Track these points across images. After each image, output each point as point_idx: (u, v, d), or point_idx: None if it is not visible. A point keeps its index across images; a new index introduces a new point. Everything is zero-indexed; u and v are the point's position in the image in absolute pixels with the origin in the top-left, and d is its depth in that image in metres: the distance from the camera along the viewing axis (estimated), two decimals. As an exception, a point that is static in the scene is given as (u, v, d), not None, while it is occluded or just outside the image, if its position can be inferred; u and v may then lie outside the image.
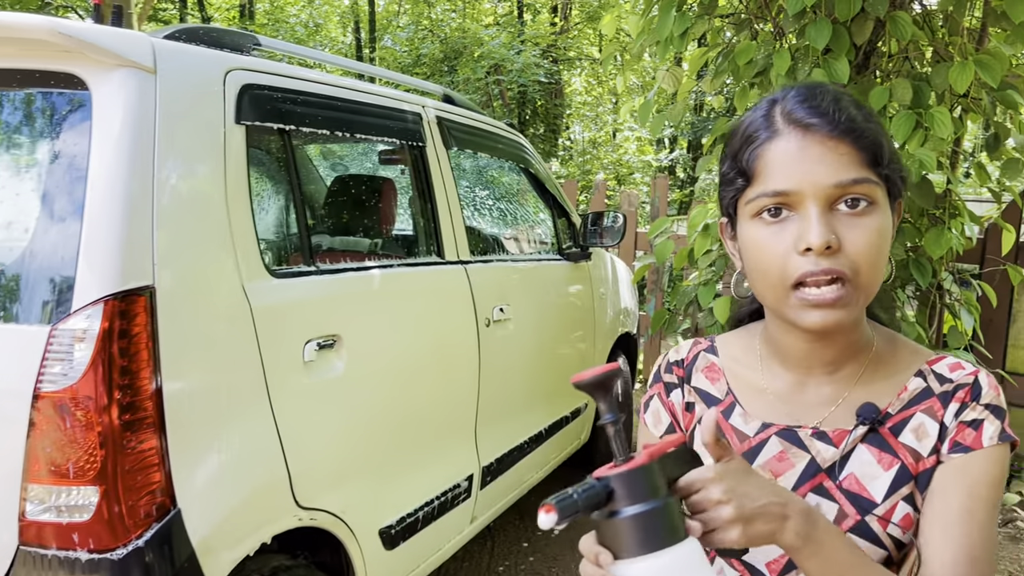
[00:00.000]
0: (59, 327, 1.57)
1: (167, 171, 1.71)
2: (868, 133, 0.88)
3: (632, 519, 0.73)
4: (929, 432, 0.93)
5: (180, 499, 1.67)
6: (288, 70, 2.13)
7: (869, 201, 0.88)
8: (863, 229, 0.87)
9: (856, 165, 0.87)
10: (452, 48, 11.46)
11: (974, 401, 0.92)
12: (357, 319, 2.19)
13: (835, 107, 0.88)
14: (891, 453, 0.94)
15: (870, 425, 0.94)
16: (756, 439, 1.00)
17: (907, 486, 0.92)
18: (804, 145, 0.88)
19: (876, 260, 0.88)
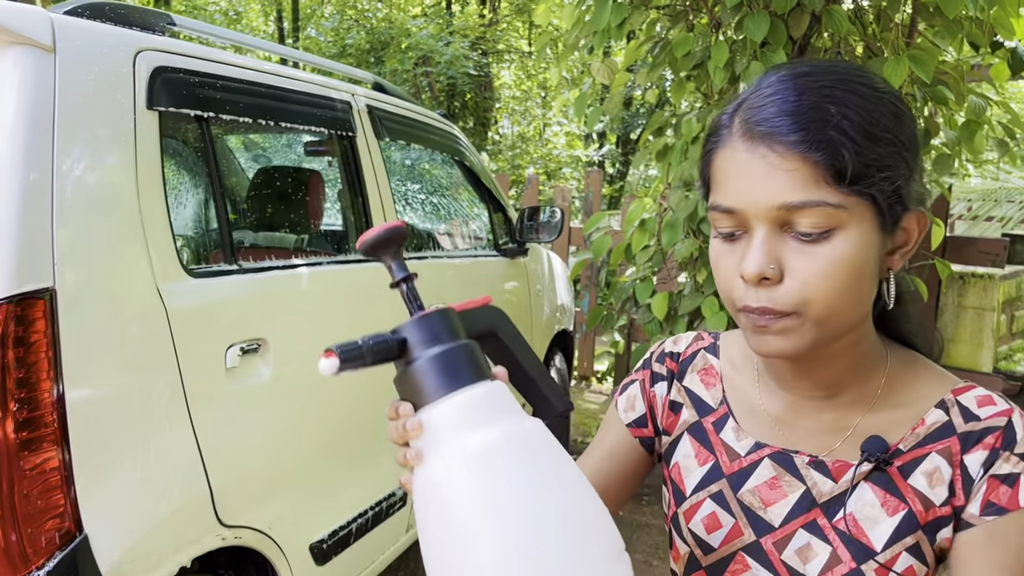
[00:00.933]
0: (-57, 335, 1.39)
1: (69, 161, 1.54)
2: (828, 143, 0.71)
3: (428, 360, 0.69)
4: (944, 478, 0.79)
5: (87, 523, 1.51)
6: (206, 52, 1.97)
7: (829, 228, 0.73)
8: (816, 259, 0.73)
9: (807, 183, 0.72)
10: (379, 39, 11.23)
11: (1007, 450, 0.77)
12: (283, 321, 2.04)
13: (796, 108, 0.73)
14: (898, 496, 0.81)
15: (875, 463, 0.81)
16: (748, 459, 0.89)
17: (912, 536, 0.80)
18: (749, 157, 0.74)
19: (836, 293, 0.74)
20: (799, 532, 0.84)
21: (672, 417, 0.97)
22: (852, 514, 0.82)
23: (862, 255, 0.74)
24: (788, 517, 0.85)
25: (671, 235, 3.54)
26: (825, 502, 0.83)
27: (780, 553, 0.84)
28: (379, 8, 12.70)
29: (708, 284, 3.64)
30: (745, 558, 0.86)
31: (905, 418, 0.83)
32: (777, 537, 0.85)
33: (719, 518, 0.89)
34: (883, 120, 0.74)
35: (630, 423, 0.99)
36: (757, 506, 0.87)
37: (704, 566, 0.90)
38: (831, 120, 0.72)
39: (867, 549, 0.80)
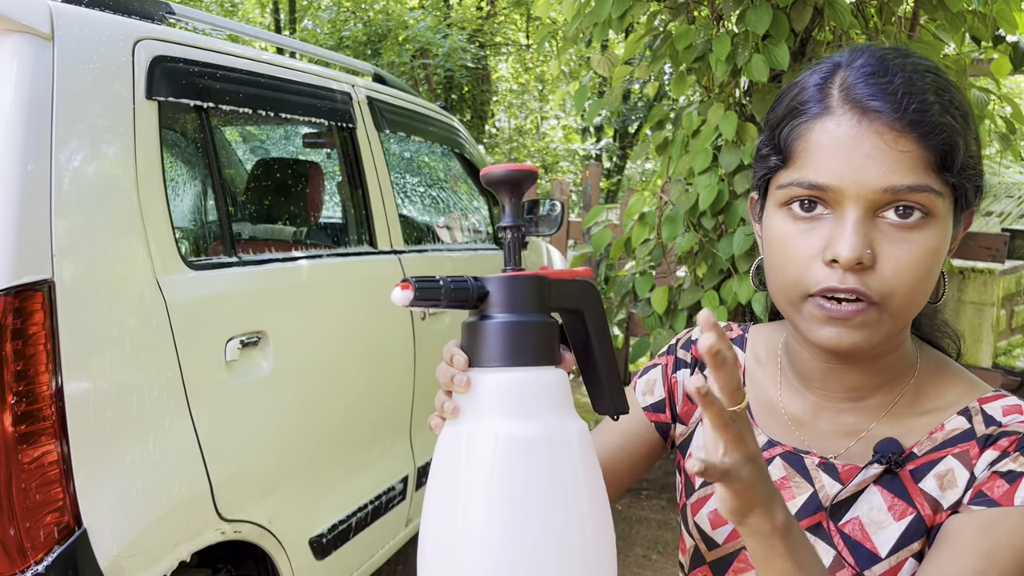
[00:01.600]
0: (-60, 327, 1.37)
1: (68, 152, 1.52)
2: (942, 129, 0.70)
3: (500, 325, 0.66)
4: (957, 482, 0.76)
5: (86, 517, 1.49)
6: (206, 42, 1.94)
7: (924, 213, 0.71)
8: (909, 246, 0.71)
9: (918, 168, 0.70)
10: (376, 31, 11.17)
11: (1020, 451, 0.73)
12: (284, 314, 2.03)
13: (907, 88, 0.70)
14: (906, 500, 0.77)
15: (886, 465, 0.78)
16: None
17: (919, 541, 0.76)
18: (859, 133, 0.70)
19: (918, 284, 0.72)
20: None
21: (689, 406, 0.95)
22: (859, 518, 0.79)
23: (944, 247, 0.73)
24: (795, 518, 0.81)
25: (671, 229, 3.53)
26: (832, 505, 0.81)
27: None
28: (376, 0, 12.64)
29: (708, 278, 3.62)
30: (748, 557, 0.83)
31: (925, 424, 0.79)
32: None
33: None
34: (971, 115, 0.74)
35: (647, 407, 0.97)
36: None
37: (708, 561, 0.88)
38: (947, 107, 0.71)
39: (872, 555, 0.77)
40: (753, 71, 3.18)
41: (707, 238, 3.58)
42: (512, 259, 0.70)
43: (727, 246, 3.39)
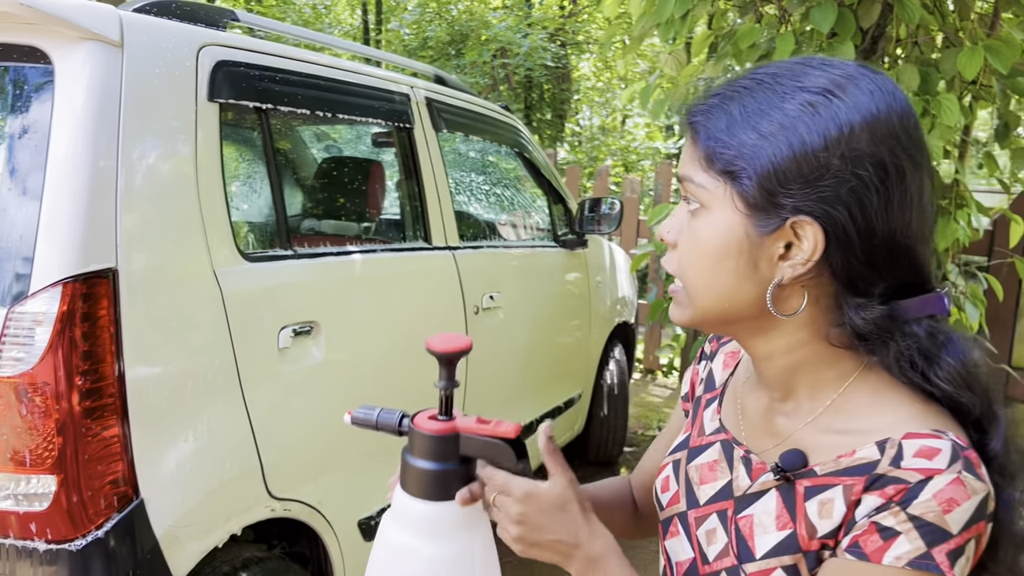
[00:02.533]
0: (16, 309, 1.51)
1: (133, 150, 1.65)
2: (707, 131, 0.77)
3: (408, 464, 0.84)
4: (833, 512, 0.75)
5: (143, 488, 1.61)
6: (266, 47, 2.06)
7: (699, 203, 0.78)
8: (691, 232, 0.79)
9: (691, 162, 0.79)
10: (459, 32, 11.33)
11: (899, 507, 0.71)
12: (337, 305, 2.13)
13: (712, 96, 0.79)
14: (791, 514, 0.79)
15: (781, 477, 0.80)
16: (707, 439, 0.93)
17: (792, 557, 0.78)
18: (686, 135, 0.82)
19: (699, 268, 0.79)
20: (712, 516, 0.88)
21: (693, 390, 1.04)
22: (751, 516, 0.83)
23: (722, 237, 0.77)
24: (710, 500, 0.89)
25: (733, 228, 3.51)
26: (738, 496, 0.85)
27: (697, 528, 0.89)
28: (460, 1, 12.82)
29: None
30: (677, 523, 0.93)
31: (839, 444, 0.78)
32: (699, 514, 0.90)
33: (670, 482, 0.96)
34: (783, 119, 0.74)
35: (683, 396, 1.07)
36: (695, 481, 0.92)
37: (660, 520, 0.98)
38: (725, 111, 0.76)
39: (750, 553, 0.82)
40: (817, 70, 3.14)
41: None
42: (442, 410, 0.85)
43: (789, 246, 3.36)
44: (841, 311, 0.77)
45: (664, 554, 0.95)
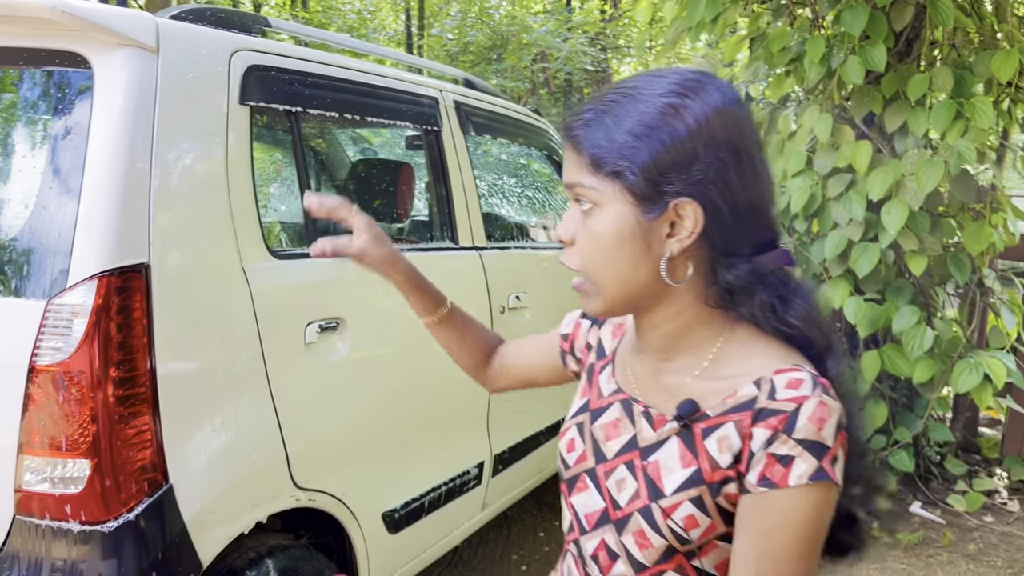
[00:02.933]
0: (55, 301, 1.59)
1: (167, 151, 1.73)
2: (587, 140, 0.90)
3: None
4: (732, 446, 0.89)
5: (172, 475, 1.68)
6: (297, 51, 2.13)
7: (592, 203, 0.91)
8: (585, 229, 0.92)
9: (578, 169, 0.92)
10: (499, 36, 11.42)
11: (786, 434, 0.85)
12: (362, 302, 2.19)
13: (581, 114, 0.92)
14: (693, 454, 0.93)
15: (682, 424, 0.94)
16: (607, 400, 1.06)
17: (697, 489, 0.91)
18: (566, 147, 0.95)
19: (603, 259, 0.91)
20: (620, 467, 0.99)
21: (585, 354, 1.18)
22: (657, 461, 0.95)
23: (616, 228, 0.90)
24: (618, 453, 1.00)
25: (763, 232, 3.51)
26: (644, 446, 0.98)
27: (606, 480, 1.00)
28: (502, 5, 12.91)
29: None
30: (586, 479, 1.03)
31: (723, 388, 0.92)
32: (607, 467, 1.01)
33: (575, 443, 1.07)
34: (651, 121, 0.88)
35: (561, 335, 1.23)
36: (601, 439, 1.03)
37: (565, 479, 1.08)
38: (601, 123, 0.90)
39: (658, 491, 0.94)
40: (848, 72, 3.14)
41: (799, 241, 3.54)
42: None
43: (819, 249, 3.35)
44: (715, 273, 0.92)
45: (571, 510, 1.06)
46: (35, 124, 1.74)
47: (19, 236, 1.66)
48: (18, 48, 1.73)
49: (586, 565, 1.03)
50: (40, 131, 1.73)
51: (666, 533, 0.93)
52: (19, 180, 1.71)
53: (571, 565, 1.07)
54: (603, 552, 1.00)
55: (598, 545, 1.01)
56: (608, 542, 0.99)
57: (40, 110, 1.74)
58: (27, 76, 1.76)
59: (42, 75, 1.74)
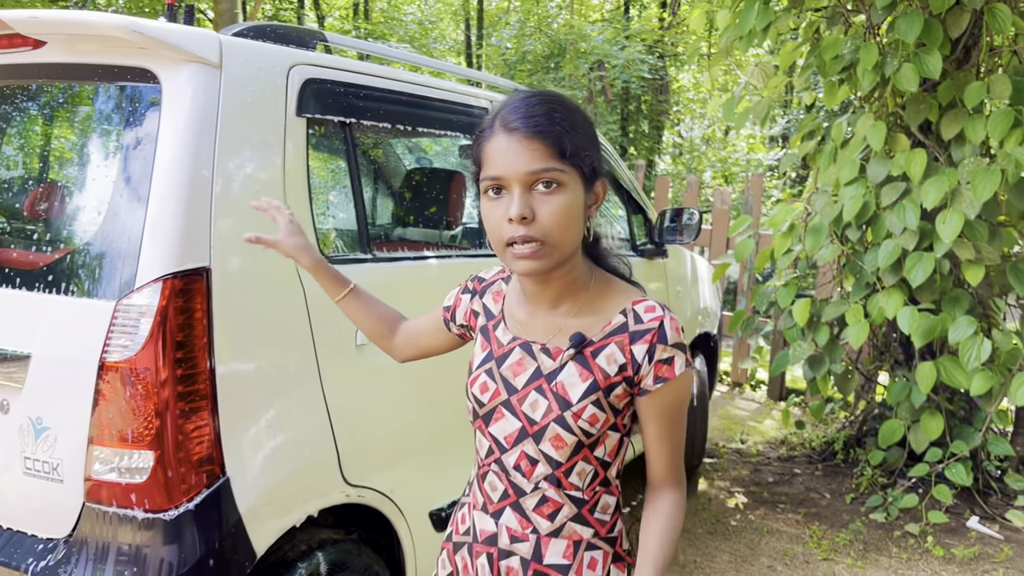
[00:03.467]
0: (123, 302, 1.70)
1: (228, 160, 1.82)
2: (554, 133, 1.17)
3: None
4: (617, 360, 1.25)
5: (229, 468, 1.77)
6: (353, 65, 2.22)
7: (558, 183, 1.17)
8: (552, 204, 1.17)
9: (545, 157, 1.16)
10: (557, 45, 11.47)
11: (662, 343, 1.23)
12: (412, 305, 2.25)
13: (531, 112, 1.18)
14: (588, 370, 1.26)
15: (576, 348, 1.26)
16: (507, 347, 1.35)
17: (596, 394, 1.25)
18: (509, 142, 1.18)
19: (564, 225, 1.18)
20: (532, 392, 1.29)
21: (472, 319, 1.47)
22: (561, 382, 1.27)
23: (576, 203, 1.19)
24: (527, 383, 1.30)
25: (815, 240, 3.49)
26: (547, 373, 1.29)
27: (520, 406, 1.30)
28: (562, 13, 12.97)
29: (855, 291, 3.55)
30: (502, 409, 1.33)
31: (599, 320, 1.27)
32: (519, 396, 1.31)
33: (487, 385, 1.35)
34: (580, 123, 1.21)
35: (444, 305, 1.55)
36: (510, 377, 1.32)
37: (480, 415, 1.36)
38: (556, 120, 1.18)
39: (567, 402, 1.26)
40: (902, 80, 3.11)
41: (852, 250, 3.51)
42: None
43: (872, 258, 3.32)
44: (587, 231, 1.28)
45: (488, 438, 1.35)
46: (108, 136, 1.86)
47: (92, 241, 1.78)
48: (93, 65, 1.85)
49: (509, 475, 1.33)
50: (112, 142, 1.85)
51: (577, 432, 1.26)
52: (93, 188, 1.83)
53: (493, 481, 1.36)
54: (524, 461, 1.31)
55: (518, 457, 1.31)
56: (528, 452, 1.30)
57: (112, 122, 1.86)
58: (101, 91, 1.88)
59: (115, 90, 1.86)
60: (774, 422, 5.38)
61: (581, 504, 1.31)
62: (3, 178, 2.06)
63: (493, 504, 1.37)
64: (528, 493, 1.32)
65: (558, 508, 1.31)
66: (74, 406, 1.72)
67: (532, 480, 1.31)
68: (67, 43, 1.89)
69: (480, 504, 1.40)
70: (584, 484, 1.31)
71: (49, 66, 1.93)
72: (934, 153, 3.37)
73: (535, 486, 1.31)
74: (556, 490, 1.30)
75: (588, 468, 1.30)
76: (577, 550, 1.32)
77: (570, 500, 1.31)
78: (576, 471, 1.29)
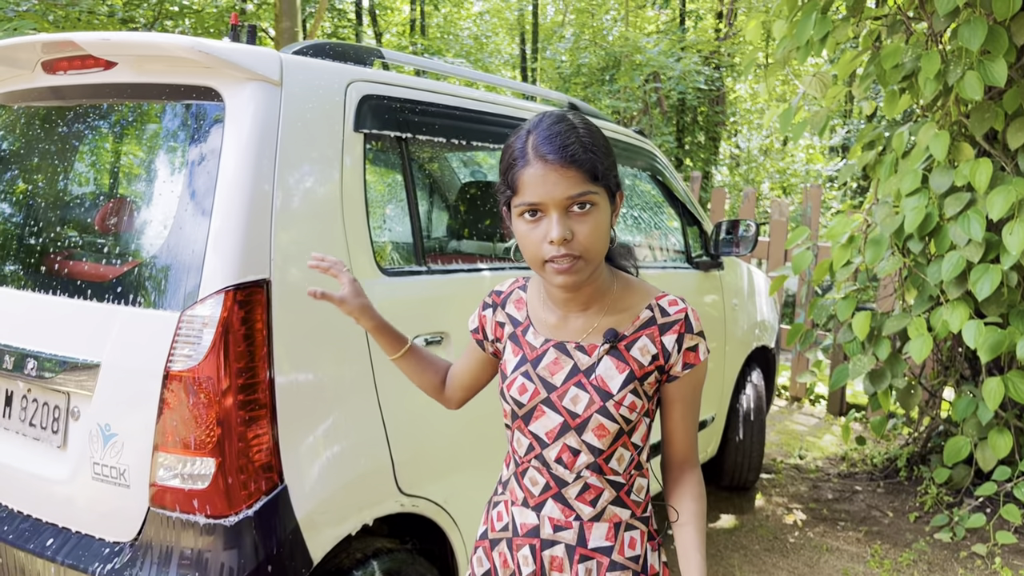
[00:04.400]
0: (187, 313, 1.75)
1: (288, 175, 1.87)
2: (588, 160, 1.27)
3: None
4: (650, 351, 1.39)
5: (287, 476, 1.81)
6: (409, 81, 2.26)
7: (592, 204, 1.28)
8: (588, 223, 1.28)
9: (580, 182, 1.27)
10: (612, 57, 11.47)
11: (688, 332, 1.39)
12: (466, 317, 2.28)
13: (565, 143, 1.27)
14: (624, 362, 1.38)
15: (612, 343, 1.38)
16: (541, 349, 1.45)
17: (633, 383, 1.38)
18: (546, 171, 1.26)
19: (598, 241, 1.29)
20: (571, 388, 1.40)
21: (500, 331, 1.54)
22: (600, 375, 1.38)
23: (606, 219, 1.32)
24: (565, 379, 1.40)
25: (876, 252, 3.42)
26: (585, 368, 1.40)
27: (561, 401, 1.40)
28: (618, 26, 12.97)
29: (917, 305, 3.46)
30: (542, 407, 1.42)
31: (628, 316, 1.41)
32: (559, 392, 1.40)
33: (526, 386, 1.43)
34: (602, 143, 1.33)
35: (471, 329, 1.60)
36: (547, 376, 1.42)
37: (520, 416, 1.45)
38: (587, 147, 1.28)
39: (608, 393, 1.37)
40: (966, 89, 3.04)
41: (914, 262, 3.43)
42: None
43: (936, 271, 3.24)
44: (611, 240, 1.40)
45: (529, 436, 1.44)
46: (173, 152, 1.93)
47: (158, 254, 1.84)
48: (161, 84, 1.92)
49: (551, 468, 1.43)
50: (177, 158, 1.91)
51: (618, 419, 1.37)
52: (159, 203, 1.89)
53: (533, 476, 1.45)
54: (566, 453, 1.40)
55: (560, 450, 1.41)
56: (570, 444, 1.40)
57: (178, 139, 1.92)
58: (168, 109, 1.95)
59: (181, 107, 1.93)
60: (834, 438, 5.27)
61: (619, 487, 1.43)
62: (76, 194, 2.14)
63: (534, 498, 1.46)
64: (570, 483, 1.42)
65: (599, 493, 1.42)
66: (140, 414, 1.78)
67: (574, 470, 1.41)
68: (136, 64, 1.96)
69: (520, 499, 1.48)
70: (623, 468, 1.42)
71: (119, 86, 2.01)
72: (1000, 163, 3.28)
73: (577, 475, 1.41)
74: (598, 476, 1.41)
75: (626, 454, 1.42)
76: (617, 531, 1.43)
77: (610, 484, 1.42)
78: (616, 457, 1.41)
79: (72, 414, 1.91)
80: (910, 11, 3.60)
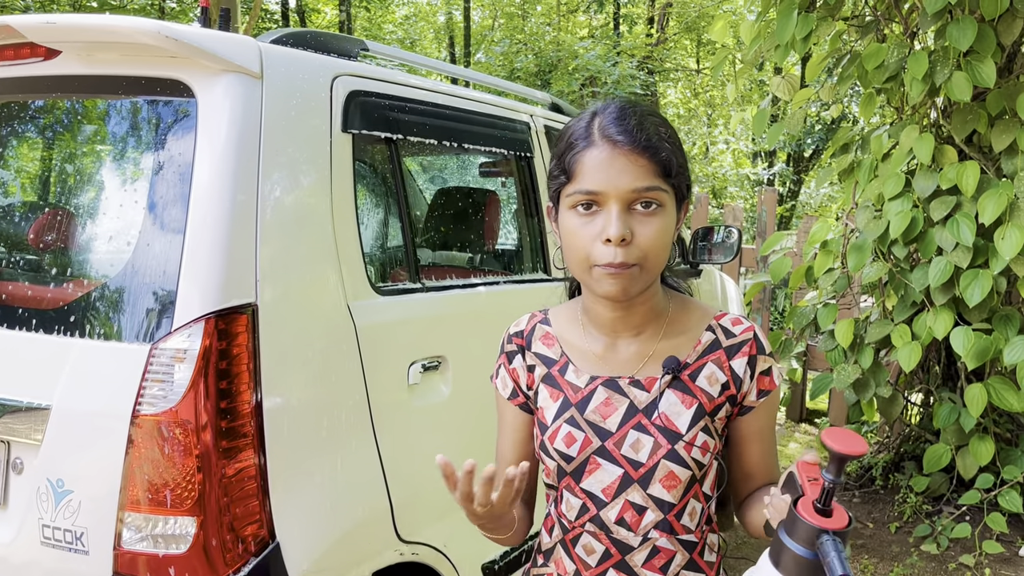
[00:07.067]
0: (159, 346, 1.48)
1: (272, 182, 1.62)
2: (663, 150, 1.08)
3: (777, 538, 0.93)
4: (719, 379, 1.17)
5: (279, 532, 1.56)
6: (397, 76, 2.02)
7: (659, 204, 1.08)
8: (652, 226, 1.07)
9: (651, 175, 1.07)
10: (547, 61, 11.34)
11: (761, 354, 1.18)
12: (463, 339, 2.06)
13: (639, 126, 1.07)
14: (690, 395, 1.16)
15: (674, 373, 1.15)
16: (587, 389, 1.19)
17: (704, 419, 1.15)
18: (612, 156, 1.07)
19: (662, 250, 1.08)
20: (630, 432, 1.16)
21: (530, 376, 1.26)
22: (663, 412, 1.15)
23: (673, 224, 1.11)
24: (621, 423, 1.16)
25: (858, 258, 3.32)
26: (644, 407, 1.16)
27: (620, 450, 1.16)
28: (548, 31, 12.85)
29: (899, 311, 3.38)
30: (596, 459, 1.17)
31: (687, 341, 1.18)
32: (616, 439, 1.16)
33: (574, 435, 1.18)
34: (678, 140, 1.13)
35: (508, 396, 1.29)
36: (598, 421, 1.17)
37: (569, 472, 1.19)
38: (663, 136, 1.09)
39: (676, 434, 1.14)
40: (954, 89, 2.96)
41: (898, 268, 3.35)
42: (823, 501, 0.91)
43: (921, 276, 3.15)
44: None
45: (581, 495, 1.18)
46: (138, 156, 1.65)
47: (121, 276, 1.56)
48: (119, 76, 1.64)
49: (611, 532, 1.18)
50: (143, 163, 1.63)
51: (691, 464, 1.14)
52: (120, 216, 1.61)
53: (588, 544, 1.19)
54: (629, 511, 1.16)
55: (621, 508, 1.17)
56: (633, 500, 1.16)
57: (142, 141, 1.64)
58: (129, 106, 1.67)
59: (144, 104, 1.65)
60: (798, 445, 5.20)
61: (692, 548, 1.20)
62: (15, 205, 1.84)
63: (591, 569, 1.20)
64: (636, 548, 1.18)
65: (671, 557, 1.18)
66: (101, 466, 1.50)
67: (640, 532, 1.17)
68: (85, 52, 1.67)
69: (571, 572, 1.22)
70: (695, 525, 1.19)
71: (64, 79, 1.72)
72: (981, 165, 3.22)
73: (644, 538, 1.17)
74: (668, 537, 1.17)
75: (698, 506, 1.19)
76: None
77: (682, 546, 1.19)
78: (687, 511, 1.18)
79: (13, 467, 1.61)
80: (880, 10, 3.53)
